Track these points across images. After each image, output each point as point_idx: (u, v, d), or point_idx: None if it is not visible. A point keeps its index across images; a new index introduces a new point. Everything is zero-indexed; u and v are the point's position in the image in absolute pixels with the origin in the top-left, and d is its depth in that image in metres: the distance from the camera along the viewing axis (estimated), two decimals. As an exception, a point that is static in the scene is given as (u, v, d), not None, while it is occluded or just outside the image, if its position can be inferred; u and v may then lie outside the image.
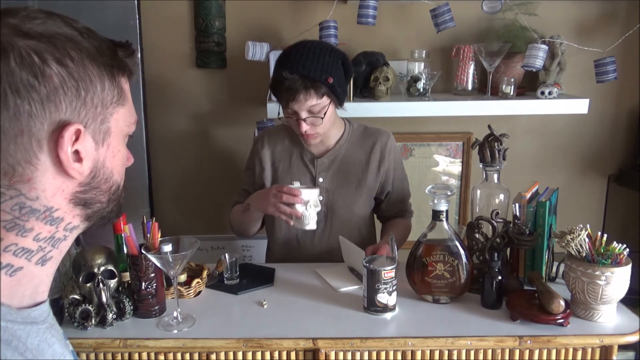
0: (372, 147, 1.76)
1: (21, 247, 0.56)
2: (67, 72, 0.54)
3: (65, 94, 0.54)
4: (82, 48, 0.56)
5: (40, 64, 0.53)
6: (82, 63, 0.56)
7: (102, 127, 0.59)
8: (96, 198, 0.61)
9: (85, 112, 0.56)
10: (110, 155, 0.61)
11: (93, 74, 0.57)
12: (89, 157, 0.58)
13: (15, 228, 0.55)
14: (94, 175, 0.60)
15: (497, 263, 1.38)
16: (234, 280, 1.55)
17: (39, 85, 0.52)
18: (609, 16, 2.32)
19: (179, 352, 1.28)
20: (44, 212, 0.57)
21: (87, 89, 0.56)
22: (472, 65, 2.23)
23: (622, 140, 2.46)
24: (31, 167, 0.54)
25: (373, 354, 1.29)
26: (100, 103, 0.58)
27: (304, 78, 1.53)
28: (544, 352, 1.29)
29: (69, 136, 0.55)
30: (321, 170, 1.74)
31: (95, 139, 0.58)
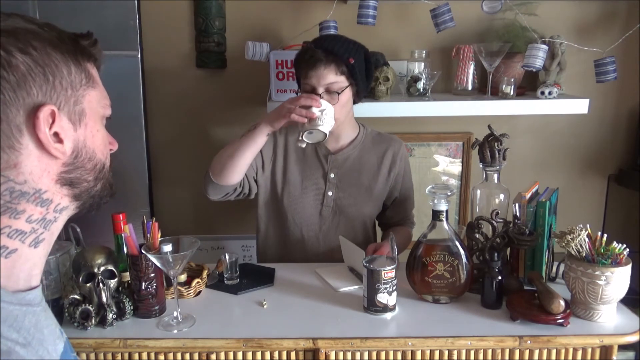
0: (384, 152, 1.78)
1: (15, 229, 0.59)
2: (31, 59, 0.58)
3: (34, 80, 0.58)
4: (42, 38, 0.60)
5: (5, 56, 0.56)
6: (45, 51, 0.59)
7: (76, 108, 0.63)
8: (82, 177, 0.65)
9: (57, 95, 0.60)
10: (90, 135, 0.65)
11: (57, 60, 0.60)
12: (68, 137, 0.61)
13: (8, 211, 0.59)
14: (77, 155, 0.63)
15: (497, 263, 1.38)
16: (234, 280, 1.55)
17: (7, 74, 0.56)
18: (609, 16, 2.32)
19: (179, 352, 1.28)
20: (34, 195, 0.60)
21: (54, 74, 0.60)
22: (472, 65, 2.23)
23: (622, 140, 2.46)
24: (15, 153, 0.58)
25: (373, 354, 1.29)
26: (69, 86, 0.62)
27: (326, 52, 1.60)
28: (544, 352, 1.29)
29: (44, 117, 0.58)
30: (333, 167, 1.75)
31: (71, 120, 0.62)
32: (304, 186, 1.75)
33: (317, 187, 1.75)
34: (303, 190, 1.74)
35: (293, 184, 1.75)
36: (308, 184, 1.75)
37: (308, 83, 1.63)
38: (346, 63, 1.61)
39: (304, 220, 1.75)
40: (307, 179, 1.75)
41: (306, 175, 1.75)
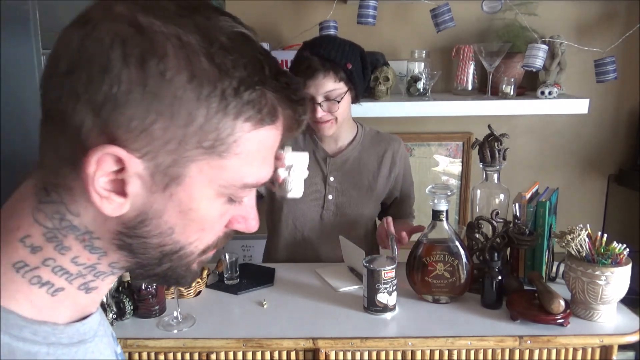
0: (384, 152, 1.77)
1: (59, 266, 0.46)
2: (144, 80, 0.41)
3: (128, 106, 0.41)
4: (191, 62, 0.42)
5: (119, 56, 0.41)
6: (173, 78, 0.41)
7: (171, 170, 0.44)
8: (144, 250, 0.48)
9: (149, 141, 0.42)
10: (175, 209, 0.46)
11: (183, 99, 0.42)
12: (136, 196, 0.44)
13: (54, 240, 0.45)
14: (141, 222, 0.46)
15: (497, 263, 1.38)
16: (234, 280, 1.55)
17: (102, 81, 0.41)
18: (609, 16, 2.32)
19: (179, 352, 1.28)
20: (84, 234, 0.46)
21: (162, 114, 0.42)
22: (472, 65, 2.23)
23: (622, 140, 2.46)
24: (73, 174, 0.43)
25: (373, 354, 1.29)
26: (176, 139, 0.43)
27: (324, 60, 1.55)
28: (544, 352, 1.29)
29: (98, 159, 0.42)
30: (333, 170, 1.74)
31: (154, 179, 0.44)
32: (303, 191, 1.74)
33: (317, 191, 1.74)
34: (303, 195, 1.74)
35: None
36: (307, 188, 1.74)
37: (306, 92, 1.59)
38: (344, 68, 1.58)
39: (305, 224, 1.75)
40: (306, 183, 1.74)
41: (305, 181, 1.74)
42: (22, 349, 0.44)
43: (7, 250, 0.45)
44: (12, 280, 0.45)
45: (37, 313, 0.46)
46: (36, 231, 0.45)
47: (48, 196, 0.45)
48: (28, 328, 0.45)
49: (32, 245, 0.45)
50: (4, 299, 0.44)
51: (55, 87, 0.43)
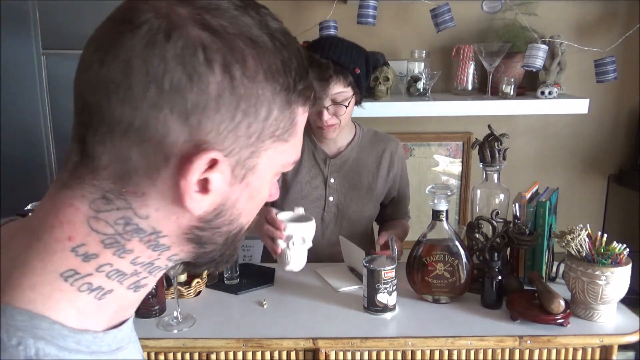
0: (382, 152, 1.77)
1: (116, 269, 0.47)
2: (231, 84, 0.43)
3: (218, 111, 0.43)
4: (263, 58, 0.44)
5: (203, 63, 0.42)
6: (254, 78, 0.44)
7: (249, 161, 0.47)
8: (213, 238, 0.50)
9: (234, 139, 0.45)
10: (247, 195, 0.49)
11: (263, 96, 0.45)
12: (217, 191, 0.46)
13: (114, 246, 0.46)
14: (219, 214, 0.48)
15: (497, 263, 1.38)
16: (234, 280, 1.55)
17: (190, 90, 0.42)
18: (609, 16, 2.32)
19: (179, 352, 1.28)
20: (150, 235, 0.47)
21: (247, 112, 0.44)
22: (472, 65, 2.23)
23: (622, 140, 2.46)
24: (148, 181, 0.44)
25: (373, 354, 1.29)
26: (257, 133, 0.46)
27: (334, 64, 1.54)
28: (544, 352, 1.29)
29: (200, 165, 0.43)
30: (333, 171, 1.73)
31: (234, 172, 0.46)
32: (304, 193, 1.74)
33: (318, 193, 1.74)
34: (303, 197, 1.73)
35: (292, 192, 1.74)
36: (308, 190, 1.74)
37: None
38: (352, 73, 1.57)
39: None
40: (307, 185, 1.74)
41: (305, 182, 1.74)
42: (68, 358, 0.44)
43: (54, 260, 0.45)
44: (58, 289, 0.45)
45: (81, 320, 0.46)
46: (93, 240, 0.46)
47: (109, 204, 0.45)
48: (72, 337, 0.45)
49: (86, 254, 0.46)
50: (49, 309, 0.44)
51: (127, 101, 0.42)
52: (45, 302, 0.44)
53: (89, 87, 0.44)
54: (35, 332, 0.42)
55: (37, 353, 0.42)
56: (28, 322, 0.43)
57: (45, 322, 0.43)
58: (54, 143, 2.26)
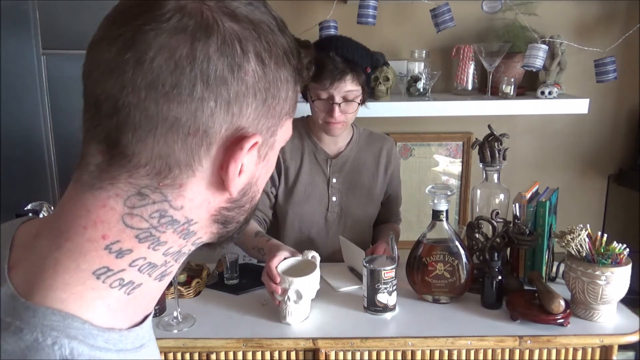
0: (379, 151, 1.79)
1: (148, 262, 0.48)
2: (263, 71, 0.46)
3: (255, 97, 0.46)
4: (280, 44, 0.47)
5: (241, 54, 0.44)
6: (277, 63, 0.47)
7: (270, 140, 0.50)
8: (237, 217, 0.52)
9: (265, 121, 0.48)
10: (265, 172, 0.53)
11: (283, 78, 0.48)
12: (248, 172, 0.49)
13: (149, 239, 0.47)
14: (245, 193, 0.51)
15: (497, 263, 1.38)
16: (234, 280, 1.55)
17: (232, 80, 0.44)
18: (609, 16, 2.32)
19: (179, 352, 1.28)
20: (183, 225, 0.48)
21: (275, 96, 0.48)
22: (472, 65, 2.23)
23: (622, 140, 2.46)
24: (189, 172, 0.46)
25: (373, 354, 1.29)
26: (278, 113, 0.49)
27: (349, 62, 1.57)
28: (544, 352, 1.29)
29: (247, 149, 0.46)
30: (334, 171, 1.74)
31: (260, 153, 0.49)
32: (307, 194, 1.74)
33: (321, 194, 1.74)
34: (307, 198, 1.74)
35: (296, 193, 1.74)
36: (311, 191, 1.74)
37: (327, 92, 1.59)
38: (364, 72, 1.60)
39: (311, 227, 1.75)
40: (310, 186, 1.74)
41: (308, 183, 1.74)
42: (99, 357, 0.45)
43: (87, 259, 0.46)
44: (91, 287, 0.46)
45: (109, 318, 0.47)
46: (127, 236, 0.46)
47: (145, 200, 0.46)
48: (101, 337, 0.45)
49: (120, 250, 0.46)
50: (80, 309, 0.45)
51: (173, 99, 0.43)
52: (77, 302, 0.45)
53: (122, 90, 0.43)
54: (68, 332, 0.43)
55: (71, 352, 0.43)
56: (62, 322, 0.43)
57: (77, 322, 0.44)
58: (54, 143, 2.26)
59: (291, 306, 1.30)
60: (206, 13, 0.44)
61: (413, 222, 2.38)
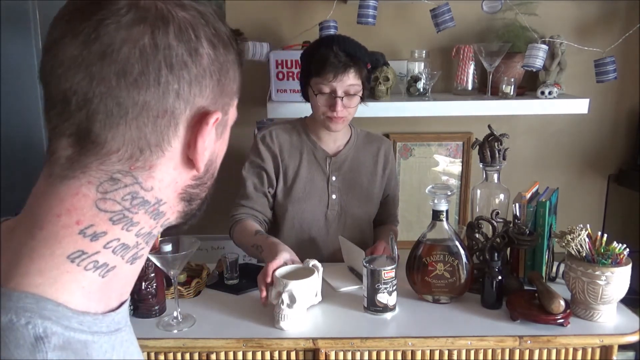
0: (377, 151, 1.80)
1: (122, 243, 0.50)
2: (215, 54, 0.50)
3: (211, 78, 0.50)
4: (222, 31, 0.52)
5: (195, 40, 0.49)
6: (225, 46, 0.52)
7: (225, 118, 0.55)
8: (200, 194, 0.56)
9: (221, 100, 0.52)
10: (221, 149, 0.57)
11: (230, 60, 0.53)
12: (209, 148, 0.53)
13: (123, 221, 0.50)
14: (207, 170, 0.55)
15: (497, 263, 1.38)
16: (234, 280, 1.55)
17: (191, 63, 0.48)
18: (609, 16, 2.32)
19: (179, 352, 1.28)
20: (153, 205, 0.51)
21: (226, 76, 0.52)
22: (472, 65, 2.23)
23: (622, 140, 2.46)
24: (159, 153, 0.50)
25: (373, 354, 1.29)
26: (230, 93, 0.54)
27: (351, 57, 1.60)
28: (544, 352, 1.29)
29: (212, 124, 0.51)
30: (334, 170, 1.75)
31: (217, 130, 0.54)
32: (307, 191, 1.74)
33: (321, 191, 1.75)
34: (306, 196, 1.74)
35: (296, 191, 1.74)
36: (311, 188, 1.75)
37: (329, 85, 1.60)
38: (366, 67, 1.63)
39: (311, 225, 1.75)
40: (309, 183, 1.75)
41: (308, 181, 1.74)
42: (74, 337, 0.47)
43: (62, 245, 0.48)
44: (65, 271, 0.48)
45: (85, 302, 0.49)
46: (101, 219, 0.49)
47: (117, 184, 0.49)
48: (75, 318, 0.47)
49: (95, 233, 0.49)
50: (55, 292, 0.47)
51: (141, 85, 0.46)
52: (52, 286, 0.47)
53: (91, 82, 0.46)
54: (42, 313, 0.45)
55: (45, 331, 0.44)
56: (35, 304, 0.45)
57: (51, 304, 0.46)
58: (54, 143, 2.25)
59: (285, 310, 1.28)
60: (159, 5, 0.48)
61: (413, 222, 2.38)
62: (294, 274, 1.37)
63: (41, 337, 0.44)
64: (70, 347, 0.46)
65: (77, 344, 0.46)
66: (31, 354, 0.43)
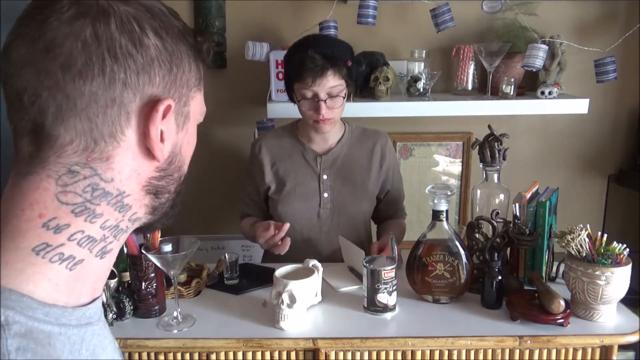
0: (373, 146, 1.80)
1: (87, 236, 0.51)
2: (162, 44, 0.52)
3: (160, 67, 0.52)
4: (172, 24, 0.54)
5: (139, 32, 0.50)
6: (175, 38, 0.53)
7: (184, 109, 0.56)
8: (167, 188, 0.57)
9: (175, 89, 0.54)
10: (186, 141, 0.58)
11: (183, 51, 0.55)
12: (170, 139, 0.54)
13: (85, 212, 0.51)
14: (171, 161, 0.56)
15: (497, 263, 1.38)
16: (234, 280, 1.55)
17: (136, 53, 0.50)
18: (609, 16, 2.32)
19: (179, 352, 1.28)
20: (116, 197, 0.52)
21: (178, 66, 0.54)
22: (472, 65, 2.23)
23: (622, 140, 2.46)
24: (114, 144, 0.51)
25: (373, 354, 1.29)
26: (186, 83, 0.56)
27: (327, 58, 1.59)
28: (544, 352, 1.29)
29: (162, 111, 0.52)
30: (325, 168, 1.75)
31: (177, 121, 0.55)
32: (297, 192, 1.75)
33: (312, 191, 1.75)
34: (298, 196, 1.74)
35: (286, 191, 1.75)
36: (302, 189, 1.75)
37: (310, 90, 1.61)
38: (345, 66, 1.62)
39: (303, 224, 1.75)
40: (300, 184, 1.75)
41: (298, 181, 1.75)
42: (38, 327, 0.47)
43: (25, 238, 0.49)
44: (31, 264, 0.49)
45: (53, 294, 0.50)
46: (63, 212, 0.50)
47: (76, 176, 0.50)
48: (40, 309, 0.48)
49: (57, 226, 0.50)
50: (20, 283, 0.48)
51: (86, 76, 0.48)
52: (17, 277, 0.48)
53: (38, 77, 0.48)
54: (5, 303, 0.46)
55: (6, 320, 0.45)
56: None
57: (14, 295, 0.47)
58: (54, 143, 2.25)
59: (285, 310, 1.28)
60: (101, 2, 0.49)
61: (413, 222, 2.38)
62: (294, 274, 1.37)
63: (1, 325, 0.45)
64: (31, 335, 0.46)
65: (39, 333, 0.47)
66: None
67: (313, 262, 1.41)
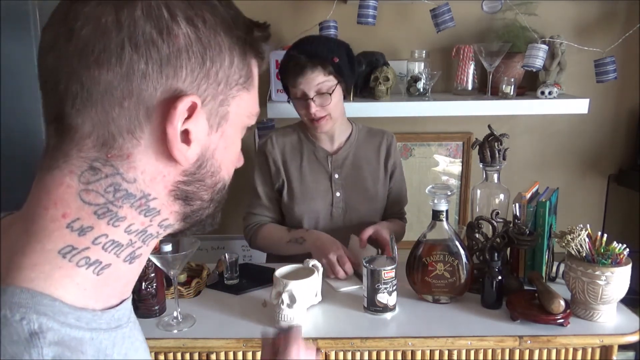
0: (379, 144, 1.81)
1: (111, 240, 0.48)
2: (196, 34, 0.46)
3: (189, 59, 0.46)
4: (217, 13, 0.48)
5: (168, 19, 0.45)
6: (214, 29, 0.48)
7: (221, 109, 0.50)
8: (198, 193, 0.52)
9: (207, 86, 0.48)
10: (223, 145, 0.52)
11: (224, 44, 0.49)
12: (198, 141, 0.49)
13: (108, 215, 0.47)
14: (200, 165, 0.50)
15: (497, 263, 1.38)
16: (234, 280, 1.55)
17: (161, 42, 0.45)
18: (609, 16, 2.32)
19: (179, 352, 1.28)
20: (140, 199, 0.48)
21: (214, 60, 0.48)
22: (472, 65, 2.23)
23: (622, 140, 2.46)
24: (133, 141, 0.46)
25: (373, 354, 1.29)
26: (224, 80, 0.49)
27: (310, 56, 1.60)
28: (544, 352, 1.29)
29: (182, 109, 0.46)
30: (336, 167, 1.75)
31: (209, 122, 0.49)
32: (310, 191, 1.75)
33: (325, 190, 1.75)
34: (310, 196, 1.74)
35: (300, 192, 1.74)
36: (314, 188, 1.75)
37: (298, 89, 1.62)
38: (331, 62, 1.62)
39: (318, 223, 1.75)
40: (313, 183, 1.75)
41: (311, 180, 1.75)
42: (70, 334, 0.45)
43: (51, 239, 0.47)
44: (58, 266, 0.47)
45: (81, 298, 0.47)
46: (86, 212, 0.47)
47: (97, 174, 0.47)
48: (72, 314, 0.46)
49: (82, 227, 0.47)
50: (49, 287, 0.46)
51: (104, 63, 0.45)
52: (46, 280, 0.46)
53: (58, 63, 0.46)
54: (37, 309, 0.44)
55: (40, 327, 0.43)
56: (30, 299, 0.44)
57: (47, 299, 0.45)
58: (54, 143, 2.25)
59: (285, 310, 1.28)
60: None
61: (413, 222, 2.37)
62: (294, 274, 1.37)
63: (36, 333, 0.43)
64: (64, 343, 0.44)
65: (72, 340, 0.45)
66: (26, 350, 0.42)
67: (313, 262, 1.41)
